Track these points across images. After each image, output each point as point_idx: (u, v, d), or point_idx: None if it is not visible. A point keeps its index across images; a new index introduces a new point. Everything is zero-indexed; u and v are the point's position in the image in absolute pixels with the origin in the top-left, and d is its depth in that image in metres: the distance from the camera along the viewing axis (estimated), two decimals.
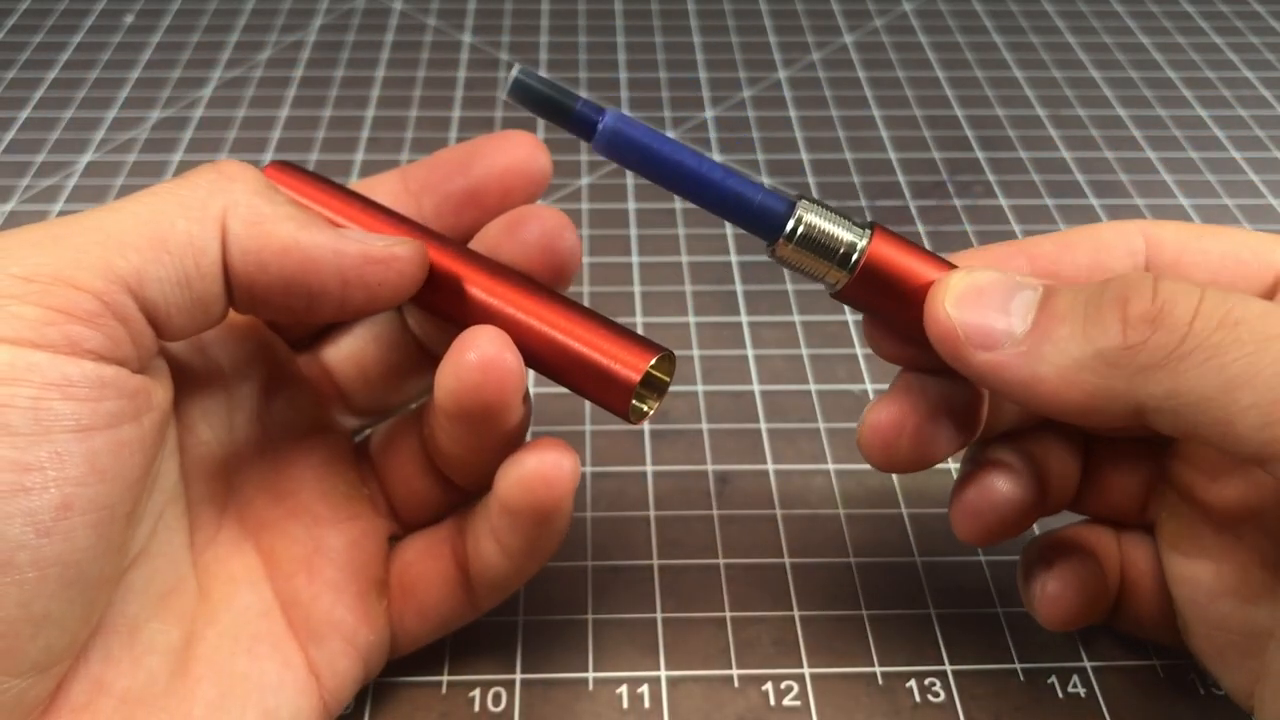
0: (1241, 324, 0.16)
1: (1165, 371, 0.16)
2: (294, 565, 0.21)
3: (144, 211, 0.17)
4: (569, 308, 0.20)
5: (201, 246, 0.18)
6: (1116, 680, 0.24)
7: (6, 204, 0.38)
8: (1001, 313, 0.18)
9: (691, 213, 0.38)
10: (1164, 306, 0.17)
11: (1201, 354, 0.16)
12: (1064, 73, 0.47)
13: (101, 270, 0.16)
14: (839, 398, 0.31)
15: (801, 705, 0.23)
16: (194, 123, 0.42)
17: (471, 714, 0.23)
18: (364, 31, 0.49)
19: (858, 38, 0.49)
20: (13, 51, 0.47)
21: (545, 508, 0.20)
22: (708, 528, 0.27)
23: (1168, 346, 0.16)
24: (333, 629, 0.21)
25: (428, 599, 0.22)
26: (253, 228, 0.18)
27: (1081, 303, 0.18)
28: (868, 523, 0.27)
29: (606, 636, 0.25)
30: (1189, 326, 0.16)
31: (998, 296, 0.19)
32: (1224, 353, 0.16)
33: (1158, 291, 0.17)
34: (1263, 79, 0.46)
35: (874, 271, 0.19)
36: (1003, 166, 0.41)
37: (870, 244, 0.19)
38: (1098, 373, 0.17)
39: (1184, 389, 0.16)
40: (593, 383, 0.20)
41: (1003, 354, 0.18)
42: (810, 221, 0.19)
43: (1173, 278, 0.17)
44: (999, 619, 0.25)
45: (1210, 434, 0.16)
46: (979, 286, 0.19)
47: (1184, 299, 0.17)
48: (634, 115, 0.43)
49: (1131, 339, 0.17)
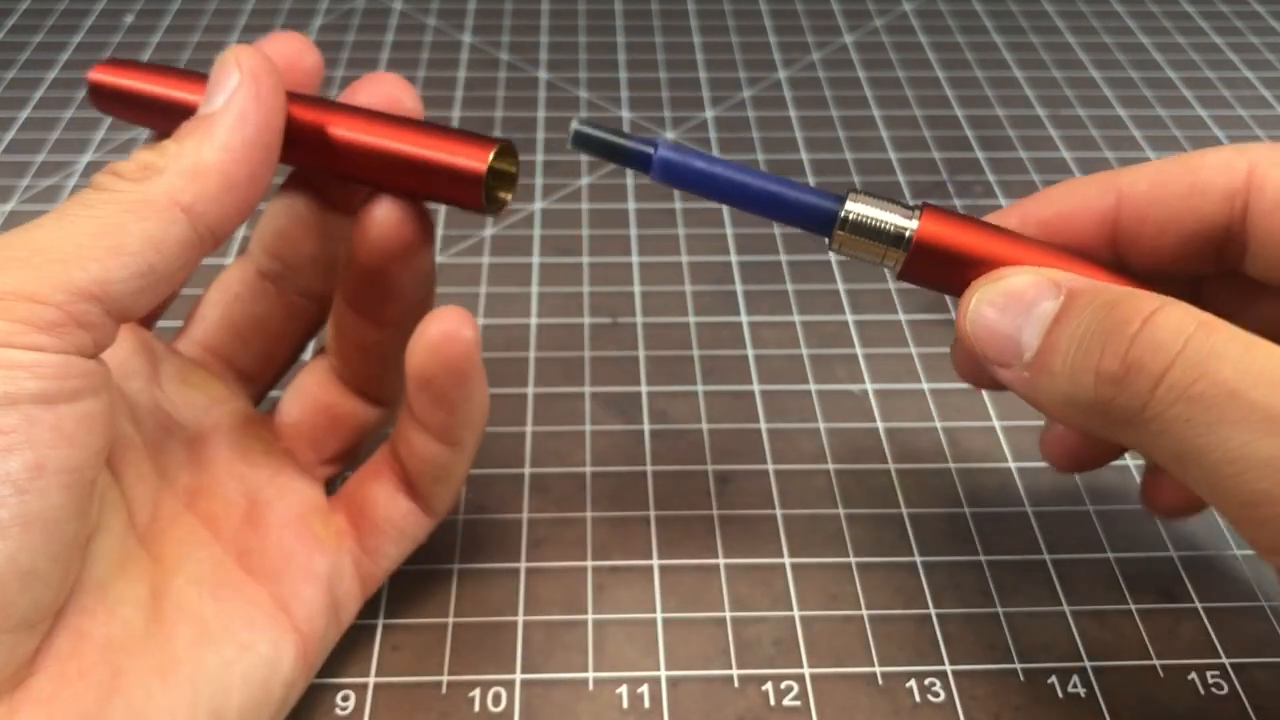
0: (1199, 400, 0.16)
1: (1130, 430, 0.17)
2: (235, 521, 0.22)
3: (95, 225, 0.18)
4: (406, 122, 0.22)
5: (159, 239, 0.18)
6: (1116, 680, 0.24)
7: (6, 204, 0.38)
8: (1016, 330, 0.19)
9: (691, 213, 0.38)
10: (1132, 367, 0.17)
11: (1158, 424, 0.17)
12: (1064, 73, 0.47)
13: (63, 284, 0.17)
14: (839, 398, 0.31)
15: (801, 705, 0.23)
16: None
17: (471, 714, 0.23)
18: (364, 31, 0.49)
19: (858, 38, 0.49)
20: (13, 51, 0.47)
21: (456, 365, 0.21)
22: (708, 528, 0.27)
23: (1130, 410, 0.17)
24: (287, 562, 0.22)
25: (379, 515, 0.24)
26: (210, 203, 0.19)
27: (1077, 339, 0.18)
28: (868, 523, 0.27)
29: (606, 636, 0.25)
30: (1151, 394, 0.17)
31: (1013, 314, 0.19)
32: (1179, 428, 0.16)
33: (1133, 346, 0.17)
34: (1263, 79, 0.46)
35: (927, 249, 0.20)
36: (1003, 166, 0.41)
37: (920, 224, 0.20)
38: (1082, 413, 0.18)
39: (1147, 449, 0.17)
40: (446, 184, 0.21)
41: (1012, 373, 0.19)
42: (859, 211, 0.21)
43: (1165, 316, 0.17)
44: (999, 619, 0.25)
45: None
46: (997, 303, 0.19)
47: (1155, 359, 0.17)
48: (634, 115, 0.43)
49: (1101, 395, 0.17)
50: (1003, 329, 0.19)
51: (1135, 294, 0.18)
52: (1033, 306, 0.19)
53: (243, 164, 0.20)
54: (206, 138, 0.19)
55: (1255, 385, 0.16)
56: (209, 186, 0.19)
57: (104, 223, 0.18)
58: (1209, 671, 0.24)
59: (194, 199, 0.19)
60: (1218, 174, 0.20)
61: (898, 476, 0.29)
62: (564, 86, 0.45)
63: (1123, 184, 0.21)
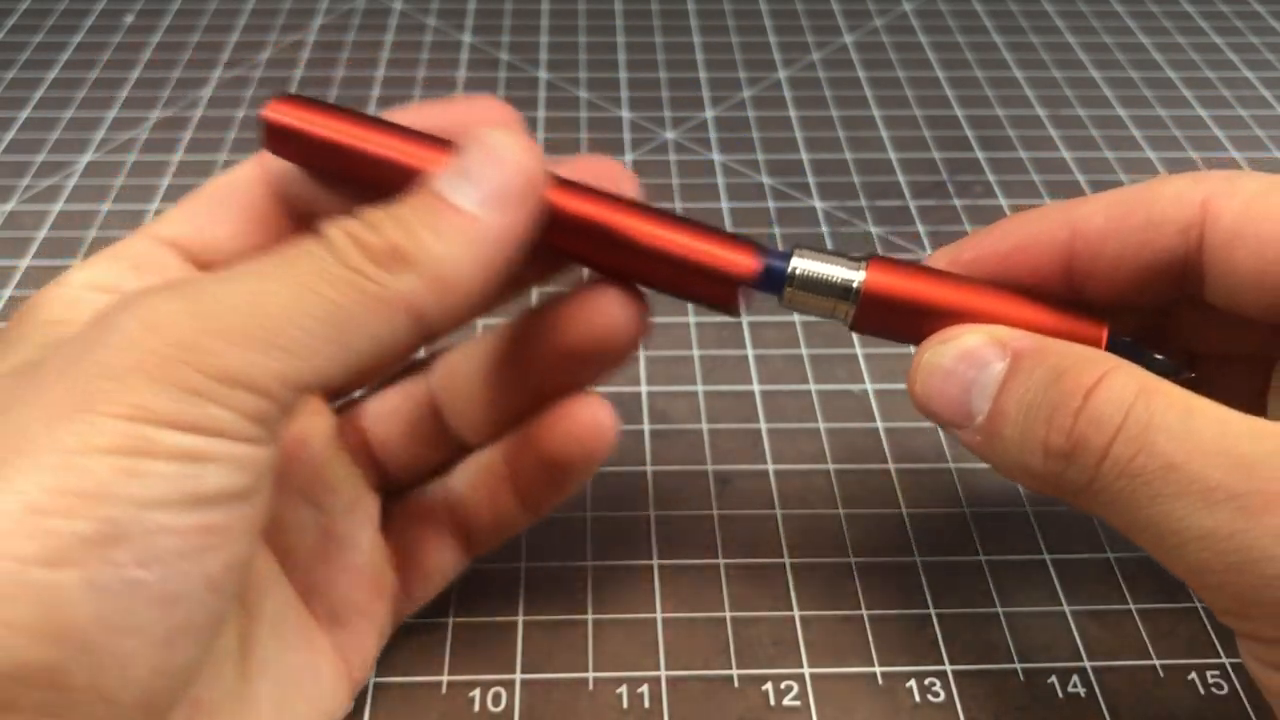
0: (1140, 475, 0.17)
1: (1081, 499, 0.18)
2: (306, 554, 0.22)
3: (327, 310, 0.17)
4: (663, 215, 0.20)
5: (385, 340, 0.17)
6: (1116, 680, 0.24)
7: (6, 204, 0.38)
8: (965, 394, 0.19)
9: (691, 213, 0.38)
10: (1078, 444, 0.17)
11: (1106, 496, 0.17)
12: (1064, 73, 0.47)
13: (286, 377, 0.16)
14: (839, 398, 0.31)
15: (801, 705, 0.23)
16: (194, 123, 0.42)
17: (471, 714, 0.23)
18: (364, 31, 0.49)
19: (858, 38, 0.49)
20: (13, 51, 0.47)
21: (596, 456, 0.21)
22: (708, 528, 0.27)
23: (1079, 483, 0.17)
24: (351, 609, 0.22)
25: (429, 564, 0.23)
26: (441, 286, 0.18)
27: (1024, 409, 0.18)
28: (868, 523, 0.27)
29: (606, 636, 0.25)
30: (1096, 470, 0.17)
31: (962, 378, 0.19)
32: (1124, 501, 0.17)
33: (1077, 422, 0.17)
34: (1263, 79, 0.46)
35: (876, 300, 0.20)
36: (1003, 166, 0.41)
37: (867, 275, 0.20)
38: (1034, 480, 0.18)
39: (1101, 515, 0.18)
40: (702, 282, 0.20)
41: (966, 435, 0.19)
42: (805, 267, 0.21)
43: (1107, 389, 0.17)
44: (999, 619, 0.25)
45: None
46: (945, 366, 0.19)
47: (1098, 435, 0.17)
48: (634, 115, 0.43)
49: (1050, 469, 0.18)
50: (952, 393, 0.19)
51: (1079, 360, 0.18)
52: (980, 369, 0.19)
53: (493, 282, 0.18)
54: (465, 246, 0.18)
55: (1191, 457, 0.16)
56: (452, 300, 0.18)
57: (338, 311, 0.16)
58: (1209, 671, 0.24)
59: (433, 309, 0.17)
60: (1172, 207, 0.19)
61: (898, 476, 0.29)
62: (564, 86, 0.45)
63: (1077, 218, 0.20)
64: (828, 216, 0.38)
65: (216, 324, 0.16)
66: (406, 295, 0.17)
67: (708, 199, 0.39)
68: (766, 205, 0.38)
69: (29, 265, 0.35)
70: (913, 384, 0.20)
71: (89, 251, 0.36)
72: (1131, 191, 0.20)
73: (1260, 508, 0.16)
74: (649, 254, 0.20)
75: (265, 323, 0.16)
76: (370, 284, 0.17)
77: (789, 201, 0.39)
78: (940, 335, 0.20)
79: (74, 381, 0.15)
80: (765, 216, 0.38)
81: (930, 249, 0.36)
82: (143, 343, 0.15)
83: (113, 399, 0.15)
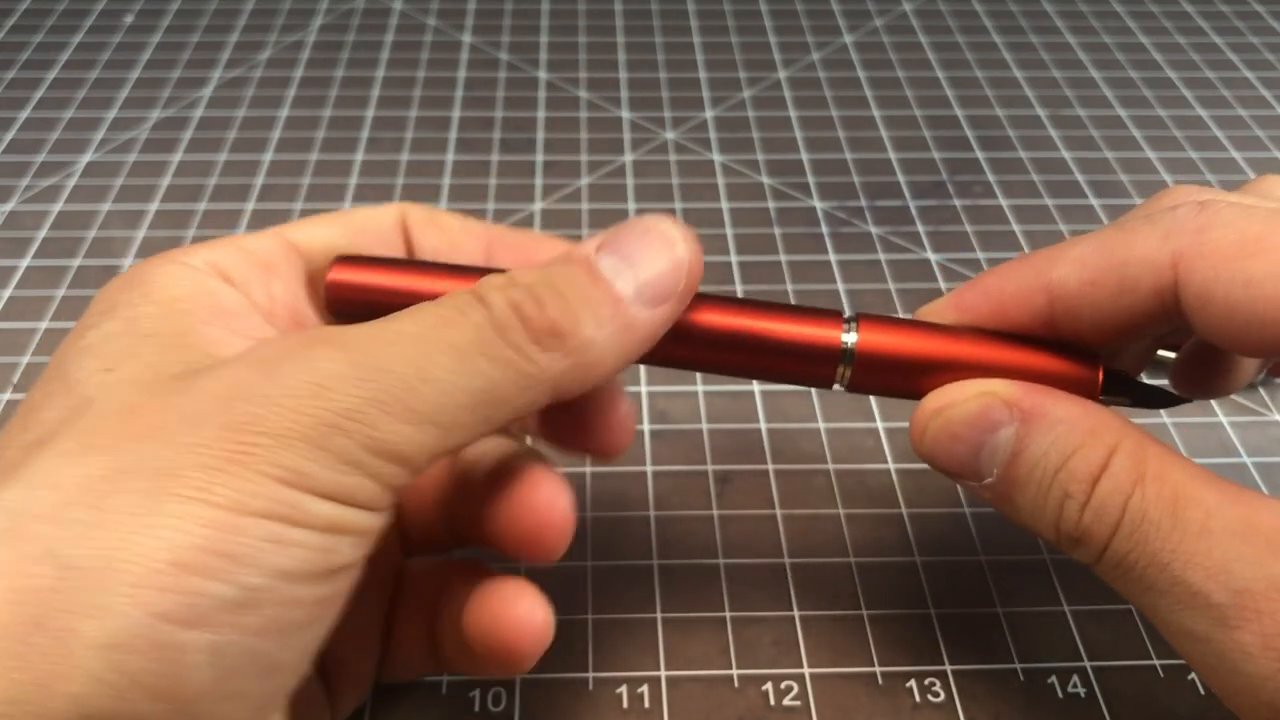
0: (1133, 570, 0.18)
1: (1095, 569, 0.19)
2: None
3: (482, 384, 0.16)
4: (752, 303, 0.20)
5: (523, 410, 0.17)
6: (1116, 680, 0.24)
7: (6, 204, 0.38)
8: (973, 458, 0.19)
9: (691, 213, 0.38)
10: (1084, 534, 0.18)
11: (1109, 578, 0.18)
12: (1064, 73, 0.47)
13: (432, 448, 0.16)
14: (839, 398, 0.31)
15: (801, 705, 0.23)
16: (194, 123, 0.42)
17: (471, 714, 0.23)
18: (364, 31, 0.49)
19: (858, 38, 0.49)
20: (13, 51, 0.47)
21: (522, 658, 0.19)
22: (708, 528, 0.27)
23: (1089, 559, 0.19)
24: (341, 667, 0.21)
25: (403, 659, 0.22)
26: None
27: (1033, 486, 0.19)
28: (868, 523, 0.27)
29: (606, 636, 0.25)
30: (1099, 558, 0.18)
31: (970, 443, 0.19)
32: (1122, 586, 0.18)
33: (1084, 514, 0.18)
34: (1263, 79, 0.46)
35: (872, 360, 0.20)
36: (1003, 166, 0.41)
37: (859, 335, 0.20)
38: (1045, 539, 0.19)
39: (1109, 583, 0.19)
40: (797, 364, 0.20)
41: (979, 486, 0.20)
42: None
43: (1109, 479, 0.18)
44: (999, 619, 0.25)
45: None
46: (952, 431, 0.19)
47: (1100, 527, 0.18)
48: (634, 115, 0.43)
49: (1063, 546, 0.19)
50: (962, 453, 0.19)
51: (1086, 438, 0.18)
52: (991, 433, 0.19)
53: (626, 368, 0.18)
54: (616, 335, 0.17)
55: (1174, 558, 0.17)
56: (588, 384, 0.18)
57: (494, 388, 0.16)
58: None
59: (569, 390, 0.17)
60: (1143, 271, 0.19)
61: (898, 476, 0.29)
62: (564, 86, 0.45)
63: (1054, 282, 0.20)
64: (828, 216, 0.38)
65: (381, 394, 0.16)
66: (554, 376, 0.17)
67: (708, 199, 0.39)
68: (766, 205, 0.38)
69: (29, 265, 0.35)
70: (919, 441, 0.20)
71: (89, 251, 0.36)
72: (1101, 249, 0.19)
73: (1234, 620, 0.16)
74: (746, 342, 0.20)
75: (427, 397, 0.16)
76: (528, 363, 0.17)
77: (789, 201, 0.39)
78: (943, 392, 0.20)
79: (232, 430, 0.15)
80: (765, 216, 0.38)
81: (930, 249, 0.36)
82: (308, 405, 0.15)
83: (272, 460, 0.15)
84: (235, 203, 0.38)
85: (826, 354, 0.20)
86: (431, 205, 0.22)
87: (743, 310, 0.20)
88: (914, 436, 0.20)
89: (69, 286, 0.34)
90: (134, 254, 0.36)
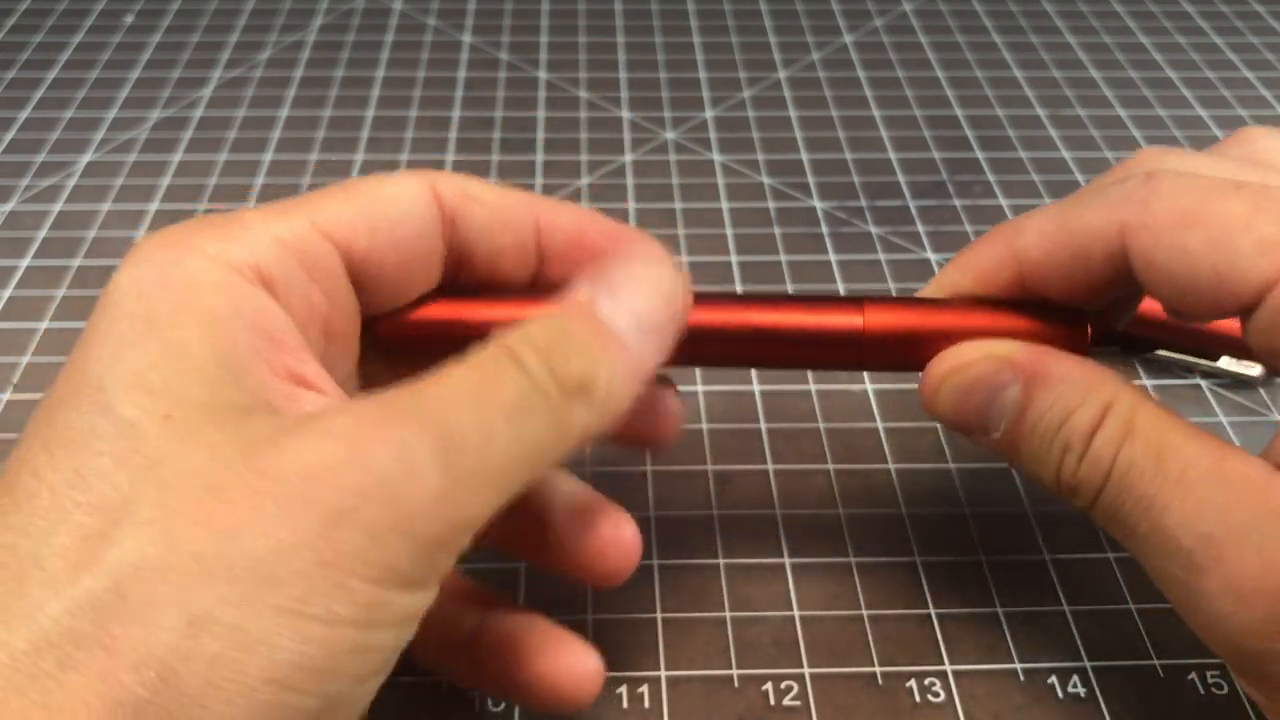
0: (1121, 514, 0.19)
1: (1091, 514, 0.20)
2: None
3: (523, 449, 0.17)
4: (774, 298, 0.22)
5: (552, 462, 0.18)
6: (1116, 680, 0.24)
7: (6, 204, 0.38)
8: (981, 416, 0.21)
9: (691, 213, 0.38)
10: (1080, 484, 0.20)
11: (1106, 518, 0.20)
12: (1064, 73, 0.47)
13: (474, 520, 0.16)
14: (839, 398, 0.31)
15: (801, 705, 0.23)
16: (194, 123, 0.43)
17: (472, 714, 0.23)
18: (364, 31, 0.49)
19: (858, 38, 0.49)
20: (13, 51, 0.47)
21: (577, 705, 0.21)
22: (708, 528, 0.27)
23: (1085, 504, 0.20)
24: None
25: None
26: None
27: (1039, 435, 0.20)
28: (868, 522, 0.27)
29: (606, 636, 0.25)
30: (1093, 503, 0.20)
31: (978, 401, 0.21)
32: (1111, 528, 0.20)
33: (1080, 466, 0.20)
34: (1263, 79, 0.46)
35: (880, 339, 0.21)
36: (1003, 166, 0.41)
37: (865, 318, 0.21)
38: (1044, 486, 0.21)
39: (1104, 528, 0.20)
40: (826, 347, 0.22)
41: (983, 440, 0.21)
42: None
43: (1103, 433, 0.19)
44: (999, 619, 0.25)
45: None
46: (962, 388, 0.21)
47: (1093, 476, 0.19)
48: (634, 115, 0.43)
49: (1062, 492, 0.20)
50: (970, 413, 0.21)
51: (1084, 396, 0.20)
52: (996, 392, 0.20)
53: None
54: (629, 379, 0.18)
55: (1154, 502, 0.18)
56: (613, 423, 0.18)
57: (541, 448, 0.17)
58: (1209, 671, 0.24)
59: (598, 433, 0.18)
60: (1094, 241, 0.20)
61: (897, 476, 0.29)
62: (564, 86, 0.45)
63: (1019, 250, 0.21)
64: (828, 216, 0.38)
65: (464, 472, 0.16)
66: (585, 427, 0.17)
67: (708, 199, 0.39)
68: (766, 205, 0.38)
69: (29, 265, 0.35)
70: (931, 400, 0.21)
71: (89, 251, 0.36)
72: (1059, 218, 0.21)
73: (1201, 563, 0.18)
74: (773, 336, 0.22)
75: (495, 464, 0.16)
76: (565, 420, 0.17)
77: (789, 201, 0.39)
78: (951, 353, 0.21)
79: (329, 526, 0.14)
80: (765, 216, 0.38)
81: (930, 249, 0.36)
82: (402, 492, 0.15)
83: (366, 558, 0.15)
84: (235, 203, 0.38)
85: (842, 338, 0.21)
86: (451, 171, 0.21)
87: (753, 307, 0.22)
88: (926, 396, 0.21)
89: (69, 286, 0.34)
90: None
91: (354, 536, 0.14)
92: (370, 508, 0.15)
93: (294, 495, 0.15)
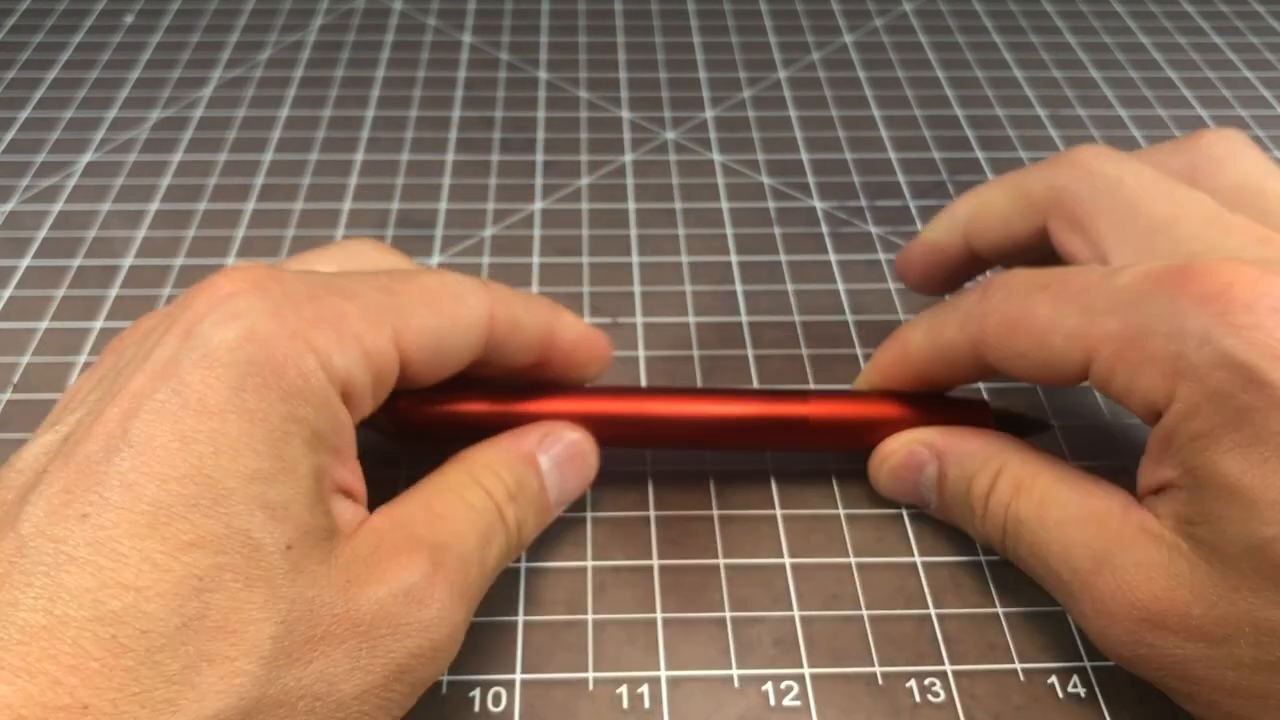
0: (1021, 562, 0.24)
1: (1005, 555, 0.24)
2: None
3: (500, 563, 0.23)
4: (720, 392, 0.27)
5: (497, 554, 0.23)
6: (1116, 680, 0.24)
7: (6, 204, 0.38)
8: (916, 494, 0.26)
9: (691, 213, 0.38)
10: (988, 538, 0.24)
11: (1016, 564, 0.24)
12: (1064, 73, 0.47)
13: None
14: None
15: (801, 705, 0.23)
16: (194, 123, 0.43)
17: (471, 714, 0.23)
18: (364, 31, 0.49)
19: (858, 38, 0.49)
20: (13, 51, 0.47)
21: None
22: (708, 528, 0.27)
23: (1001, 555, 0.25)
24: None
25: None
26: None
27: (956, 502, 0.25)
28: (868, 523, 0.27)
29: (606, 636, 0.25)
30: (1002, 553, 0.24)
31: (910, 482, 0.26)
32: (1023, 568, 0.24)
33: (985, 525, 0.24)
34: (1263, 79, 0.46)
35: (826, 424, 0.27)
36: (1003, 166, 0.41)
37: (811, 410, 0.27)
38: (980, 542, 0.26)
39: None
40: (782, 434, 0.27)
41: (929, 509, 0.26)
42: None
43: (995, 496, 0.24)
44: (999, 619, 0.25)
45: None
46: (894, 473, 0.26)
47: (995, 532, 0.24)
48: (634, 115, 0.43)
49: (983, 544, 0.26)
50: (905, 491, 0.26)
51: (980, 465, 0.24)
52: (921, 471, 0.25)
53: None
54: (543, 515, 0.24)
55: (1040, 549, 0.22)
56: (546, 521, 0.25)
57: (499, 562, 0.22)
58: None
59: (531, 530, 0.24)
60: (958, 353, 0.24)
61: None
62: (564, 86, 0.45)
63: (909, 357, 0.26)
64: (828, 216, 0.38)
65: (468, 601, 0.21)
66: (522, 531, 0.23)
67: (708, 199, 0.39)
68: (766, 205, 0.38)
69: (29, 265, 0.35)
70: (875, 484, 0.27)
71: (89, 251, 0.36)
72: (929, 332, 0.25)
73: (1076, 593, 0.21)
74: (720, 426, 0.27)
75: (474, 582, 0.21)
76: (516, 539, 0.23)
77: (789, 201, 0.39)
78: (885, 444, 0.26)
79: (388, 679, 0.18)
80: (765, 216, 0.38)
81: None
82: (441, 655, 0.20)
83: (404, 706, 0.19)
84: (235, 203, 0.38)
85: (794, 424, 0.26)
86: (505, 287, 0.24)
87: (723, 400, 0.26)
88: (872, 480, 0.27)
89: (69, 286, 0.34)
90: (134, 254, 0.36)
91: (402, 690, 0.18)
92: (422, 670, 0.19)
93: (375, 648, 0.18)
